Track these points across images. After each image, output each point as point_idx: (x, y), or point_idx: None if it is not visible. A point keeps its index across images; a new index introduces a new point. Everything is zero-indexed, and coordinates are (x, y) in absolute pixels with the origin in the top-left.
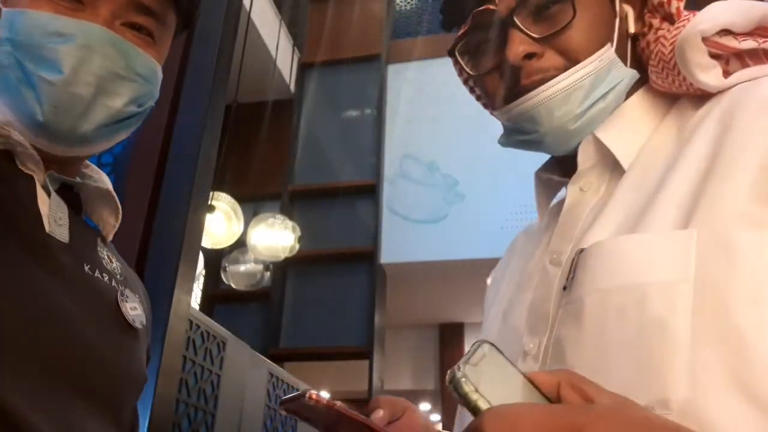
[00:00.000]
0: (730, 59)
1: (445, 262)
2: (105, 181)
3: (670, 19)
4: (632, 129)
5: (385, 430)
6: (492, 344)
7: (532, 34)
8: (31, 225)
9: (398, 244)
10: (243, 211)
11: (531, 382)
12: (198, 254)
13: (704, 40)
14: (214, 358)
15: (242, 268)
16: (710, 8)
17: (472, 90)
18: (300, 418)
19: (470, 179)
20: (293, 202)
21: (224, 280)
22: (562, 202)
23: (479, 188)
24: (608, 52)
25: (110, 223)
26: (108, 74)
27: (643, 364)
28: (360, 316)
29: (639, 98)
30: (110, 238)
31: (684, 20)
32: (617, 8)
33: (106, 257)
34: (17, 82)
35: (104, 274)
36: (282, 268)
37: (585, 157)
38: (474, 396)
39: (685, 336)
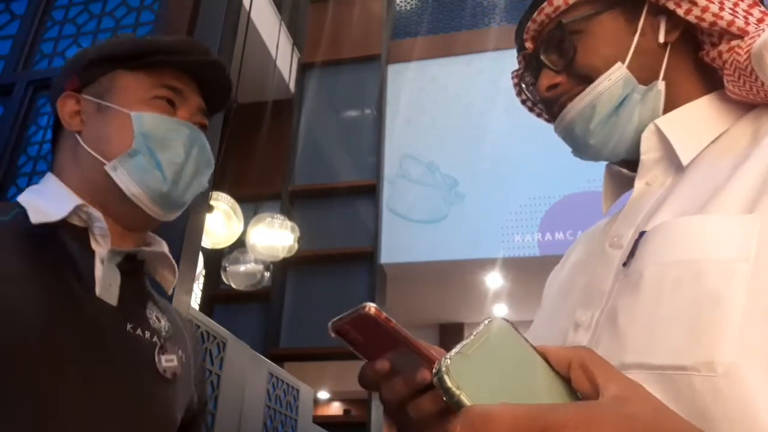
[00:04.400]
0: None
1: (445, 262)
2: (162, 245)
3: (738, 35)
4: (697, 128)
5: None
6: (505, 319)
7: (552, 67)
8: (83, 291)
9: (398, 244)
10: (243, 211)
11: (544, 358)
12: (198, 254)
13: None
14: (214, 358)
15: (242, 268)
16: None
17: (538, 114)
18: (347, 341)
19: (470, 179)
20: (293, 202)
21: (224, 280)
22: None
23: (479, 188)
24: (618, 71)
25: (169, 279)
26: (202, 160)
27: (693, 329)
28: None
29: (709, 100)
30: (170, 291)
31: (759, 31)
32: (640, 24)
33: (153, 317)
34: (147, 164)
35: (146, 332)
36: (282, 268)
37: (647, 148)
38: (456, 392)
39: (738, 309)
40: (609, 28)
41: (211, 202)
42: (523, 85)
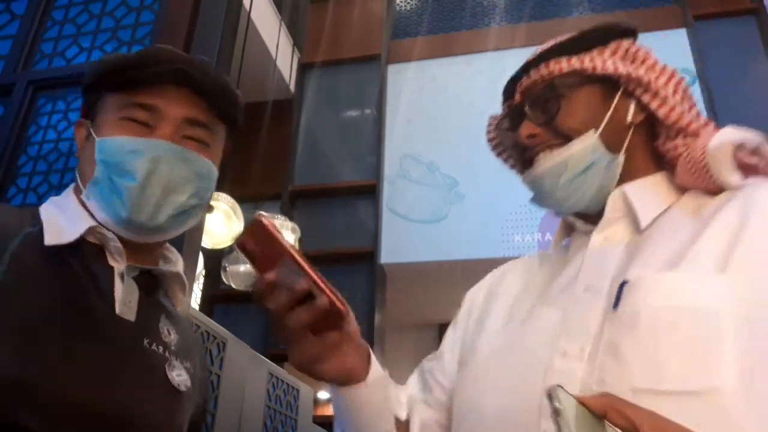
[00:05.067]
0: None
1: (445, 262)
2: (178, 264)
3: (691, 134)
4: (654, 198)
5: (322, 288)
6: (560, 388)
7: (534, 120)
8: (104, 309)
9: (398, 244)
10: (243, 211)
11: (583, 405)
12: (198, 254)
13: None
14: (214, 358)
15: (242, 268)
16: (728, 129)
17: (498, 154)
18: (246, 254)
19: (470, 179)
20: (293, 202)
21: (224, 280)
22: (570, 247)
23: (479, 188)
24: (590, 138)
25: (179, 297)
26: (172, 176)
27: (696, 360)
28: (360, 316)
29: (661, 178)
30: (179, 307)
31: (708, 134)
32: (614, 102)
33: (165, 331)
34: (108, 191)
35: (160, 347)
36: None
37: (612, 208)
38: None
39: (730, 347)
40: (589, 99)
41: (211, 202)
42: (497, 128)
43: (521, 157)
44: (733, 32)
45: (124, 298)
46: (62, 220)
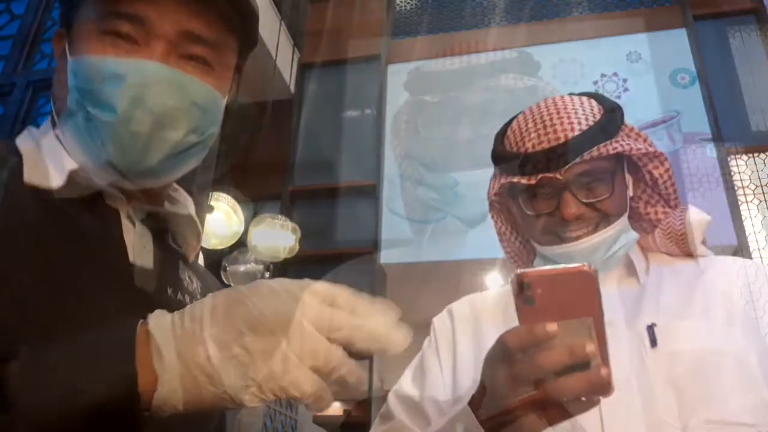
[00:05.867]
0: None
1: (445, 263)
2: (188, 206)
3: (671, 204)
4: (639, 256)
5: (607, 359)
6: None
7: (583, 200)
8: (116, 256)
9: (398, 244)
10: (243, 212)
11: None
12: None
13: None
14: None
15: (242, 268)
16: (695, 208)
17: (498, 220)
18: (523, 296)
19: (470, 179)
20: (293, 203)
21: (224, 280)
22: None
23: (479, 188)
24: (624, 219)
25: (192, 244)
26: (162, 108)
27: (747, 396)
28: None
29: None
30: (192, 258)
31: (683, 209)
32: (626, 178)
33: (187, 278)
34: (84, 126)
35: (186, 295)
36: (282, 268)
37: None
38: None
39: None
40: (621, 182)
41: (211, 202)
42: (503, 196)
43: (543, 228)
44: (733, 32)
45: (138, 243)
46: (42, 158)
